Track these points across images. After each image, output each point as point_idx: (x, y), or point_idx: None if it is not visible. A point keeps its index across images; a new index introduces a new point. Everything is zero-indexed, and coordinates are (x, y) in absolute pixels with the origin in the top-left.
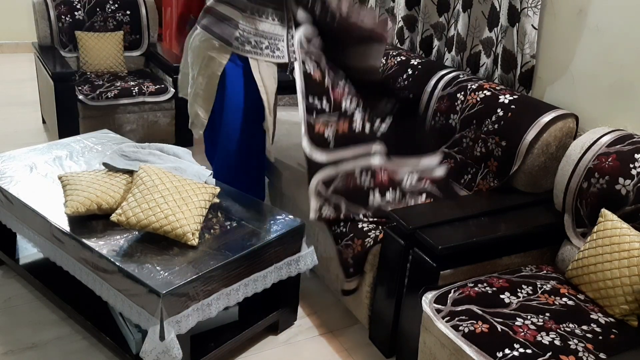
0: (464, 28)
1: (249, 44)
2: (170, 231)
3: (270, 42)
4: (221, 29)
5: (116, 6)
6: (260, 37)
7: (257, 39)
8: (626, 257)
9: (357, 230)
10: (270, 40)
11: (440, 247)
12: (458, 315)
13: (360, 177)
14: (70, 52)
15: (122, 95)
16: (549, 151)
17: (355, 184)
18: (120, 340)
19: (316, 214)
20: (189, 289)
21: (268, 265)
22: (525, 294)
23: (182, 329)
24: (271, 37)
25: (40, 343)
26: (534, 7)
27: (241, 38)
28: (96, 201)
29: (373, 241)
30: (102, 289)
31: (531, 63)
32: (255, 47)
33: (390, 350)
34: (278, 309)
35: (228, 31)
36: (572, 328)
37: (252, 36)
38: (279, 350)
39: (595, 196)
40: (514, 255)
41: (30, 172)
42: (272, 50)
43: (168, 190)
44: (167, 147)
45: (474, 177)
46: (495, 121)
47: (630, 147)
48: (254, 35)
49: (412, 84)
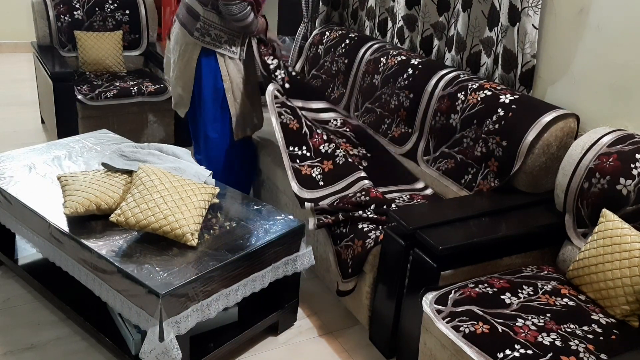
0: (464, 27)
1: (209, 36)
2: (170, 232)
3: (228, 38)
4: (187, 20)
5: (115, 6)
6: (220, 30)
7: (216, 32)
8: (627, 258)
9: (358, 231)
10: (229, 36)
11: (440, 247)
12: (459, 316)
13: (355, 196)
14: (69, 52)
15: (121, 95)
16: (550, 151)
17: (351, 201)
18: (119, 341)
19: (315, 226)
20: (189, 289)
21: (267, 266)
22: (526, 295)
23: (181, 330)
24: (230, 33)
25: (39, 344)
26: (535, 7)
27: (202, 29)
28: (95, 201)
29: (374, 242)
30: (101, 290)
31: (532, 63)
32: (215, 39)
33: (391, 351)
34: (278, 309)
35: (191, 22)
36: (573, 329)
37: (212, 29)
38: (278, 351)
39: (596, 196)
40: (514, 256)
41: (29, 172)
42: (229, 45)
43: (167, 191)
44: (167, 147)
45: (475, 177)
46: (496, 121)
47: (631, 147)
48: (214, 29)
49: (412, 84)
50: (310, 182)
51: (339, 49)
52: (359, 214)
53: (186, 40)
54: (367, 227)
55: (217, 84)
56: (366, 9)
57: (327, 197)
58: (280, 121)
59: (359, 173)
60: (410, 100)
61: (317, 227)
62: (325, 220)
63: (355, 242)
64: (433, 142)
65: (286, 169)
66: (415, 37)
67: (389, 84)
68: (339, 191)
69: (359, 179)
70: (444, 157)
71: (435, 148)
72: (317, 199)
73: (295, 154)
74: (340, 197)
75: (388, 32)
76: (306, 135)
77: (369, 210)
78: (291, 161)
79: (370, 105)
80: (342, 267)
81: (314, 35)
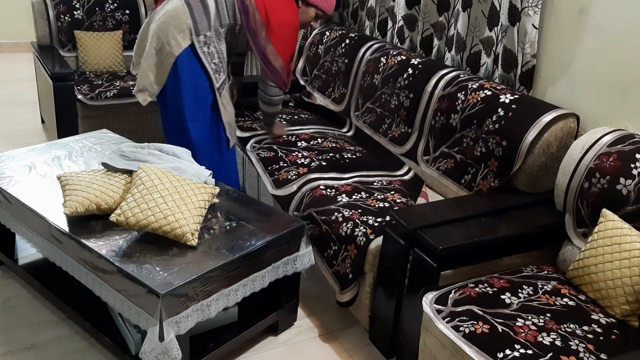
0: (464, 27)
1: (207, 47)
2: (170, 231)
3: (220, 60)
4: (199, 16)
5: (115, 5)
6: (217, 51)
7: (212, 50)
8: (627, 258)
9: (344, 238)
10: (220, 59)
11: (440, 247)
12: (458, 315)
13: (325, 190)
14: (70, 52)
15: (121, 94)
16: (550, 151)
17: (321, 194)
18: (119, 340)
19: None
20: (189, 289)
21: (267, 266)
22: (526, 295)
23: (181, 330)
24: (221, 59)
25: (39, 344)
26: (535, 7)
27: (206, 39)
28: (95, 201)
29: (365, 237)
30: (101, 290)
31: (532, 62)
32: (208, 55)
33: (391, 351)
34: (278, 309)
35: (203, 23)
36: (573, 328)
37: (212, 44)
38: (278, 351)
39: (596, 196)
40: (514, 256)
41: (29, 172)
42: (217, 69)
43: (167, 191)
44: (167, 147)
45: (475, 177)
46: (496, 121)
47: (631, 147)
48: (214, 46)
49: (412, 84)
50: (285, 182)
51: (339, 49)
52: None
53: (177, 31)
54: (346, 228)
55: (198, 82)
56: (366, 9)
57: (301, 187)
58: (257, 156)
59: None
60: (410, 100)
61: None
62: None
63: (348, 249)
64: (433, 142)
65: (267, 185)
66: (415, 37)
67: (389, 84)
68: (310, 181)
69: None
70: (443, 157)
71: (435, 148)
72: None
73: (274, 169)
74: (309, 191)
75: (388, 31)
76: (282, 157)
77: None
78: (270, 176)
79: (371, 105)
80: (341, 281)
81: (314, 35)
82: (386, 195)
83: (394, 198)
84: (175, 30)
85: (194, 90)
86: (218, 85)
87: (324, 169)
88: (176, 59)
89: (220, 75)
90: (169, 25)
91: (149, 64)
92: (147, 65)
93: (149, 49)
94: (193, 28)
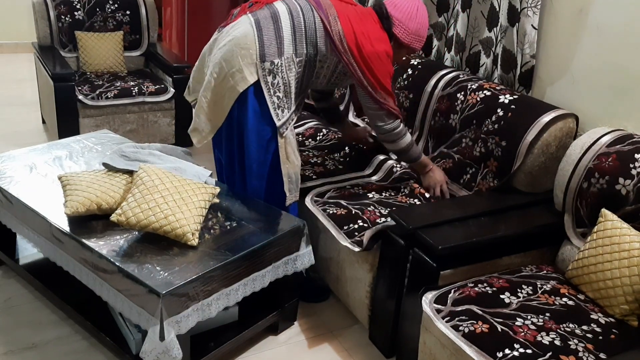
0: (464, 28)
1: (273, 76)
2: (170, 231)
3: (284, 95)
4: (268, 39)
5: (116, 6)
6: (283, 83)
7: (278, 81)
8: (626, 257)
9: (362, 214)
10: (285, 93)
11: (440, 247)
12: (458, 315)
13: (352, 189)
14: (70, 52)
15: (122, 95)
16: (549, 151)
17: (349, 192)
18: (120, 340)
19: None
20: (189, 289)
21: (267, 265)
22: (525, 294)
23: (182, 329)
24: (287, 94)
25: (40, 343)
26: (534, 7)
27: (273, 67)
28: (96, 201)
29: (380, 213)
30: (102, 289)
31: (531, 63)
32: (272, 87)
33: (390, 351)
34: (278, 309)
35: (272, 48)
36: (572, 328)
37: (280, 74)
38: (278, 351)
39: (595, 196)
40: (514, 256)
41: (30, 172)
42: (280, 105)
43: (168, 191)
44: (167, 147)
45: (474, 177)
46: (495, 121)
47: (630, 147)
48: (280, 77)
49: (412, 84)
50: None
51: None
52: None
53: (243, 59)
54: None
55: (262, 128)
56: None
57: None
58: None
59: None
60: (410, 101)
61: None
62: (333, 213)
63: (364, 214)
64: (432, 142)
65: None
66: None
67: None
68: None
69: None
70: (443, 157)
71: (434, 148)
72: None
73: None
74: (335, 189)
75: None
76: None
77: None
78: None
79: None
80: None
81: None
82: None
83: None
84: (242, 62)
85: (257, 136)
86: (279, 125)
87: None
88: (239, 95)
89: (283, 113)
90: (235, 55)
91: (207, 98)
92: (204, 99)
93: (209, 80)
94: (258, 52)
